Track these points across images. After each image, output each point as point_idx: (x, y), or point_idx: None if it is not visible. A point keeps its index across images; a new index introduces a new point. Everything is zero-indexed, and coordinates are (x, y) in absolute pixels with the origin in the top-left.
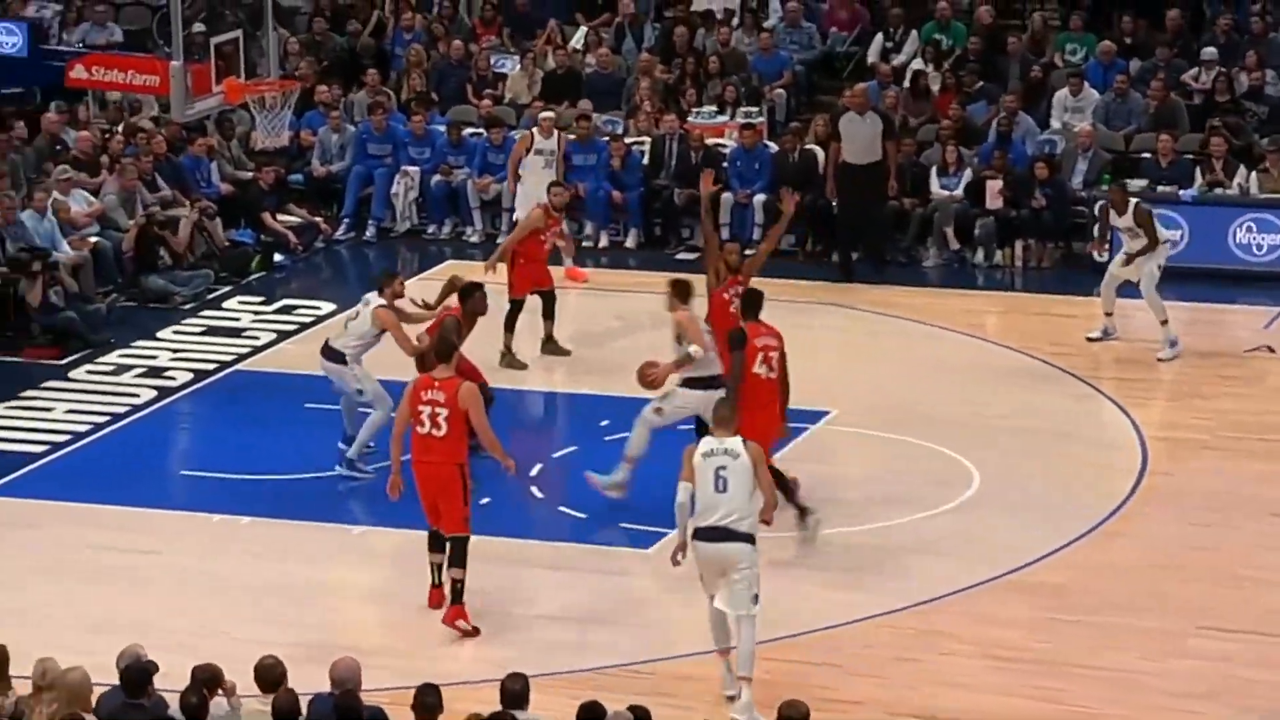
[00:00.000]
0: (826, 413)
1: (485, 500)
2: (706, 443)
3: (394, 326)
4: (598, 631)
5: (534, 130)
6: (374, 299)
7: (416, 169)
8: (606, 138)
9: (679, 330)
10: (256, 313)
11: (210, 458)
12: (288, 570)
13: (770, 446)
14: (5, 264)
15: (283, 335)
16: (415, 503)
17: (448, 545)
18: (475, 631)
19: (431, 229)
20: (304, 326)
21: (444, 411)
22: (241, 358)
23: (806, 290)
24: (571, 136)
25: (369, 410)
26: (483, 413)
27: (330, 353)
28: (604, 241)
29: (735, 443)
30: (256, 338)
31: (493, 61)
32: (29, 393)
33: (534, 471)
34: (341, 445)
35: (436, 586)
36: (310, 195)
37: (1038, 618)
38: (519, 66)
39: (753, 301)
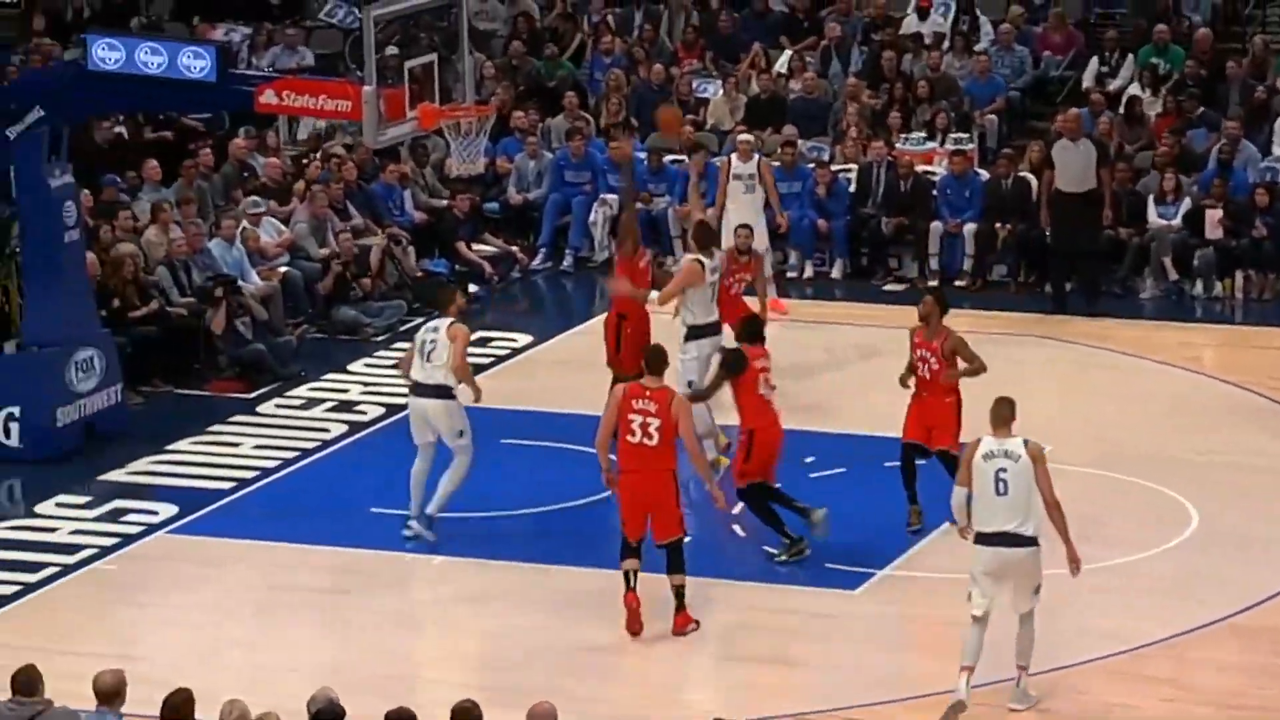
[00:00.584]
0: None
1: (686, 539)
2: (986, 444)
3: (465, 341)
4: (802, 674)
5: (732, 155)
6: (442, 323)
7: (615, 197)
8: (812, 164)
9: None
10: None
11: (401, 495)
12: (480, 611)
13: (777, 460)
14: (192, 294)
15: (477, 369)
16: (611, 543)
17: (666, 552)
18: (696, 625)
19: None
20: (499, 359)
21: (655, 421)
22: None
23: (1018, 322)
24: (775, 163)
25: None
26: (692, 427)
27: (433, 390)
28: (809, 272)
29: (1016, 444)
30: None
31: (694, 86)
32: (216, 427)
33: (736, 509)
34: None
35: (631, 590)
36: (506, 224)
37: (1260, 663)
38: (721, 91)
39: (752, 327)
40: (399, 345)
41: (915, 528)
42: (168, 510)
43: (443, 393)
